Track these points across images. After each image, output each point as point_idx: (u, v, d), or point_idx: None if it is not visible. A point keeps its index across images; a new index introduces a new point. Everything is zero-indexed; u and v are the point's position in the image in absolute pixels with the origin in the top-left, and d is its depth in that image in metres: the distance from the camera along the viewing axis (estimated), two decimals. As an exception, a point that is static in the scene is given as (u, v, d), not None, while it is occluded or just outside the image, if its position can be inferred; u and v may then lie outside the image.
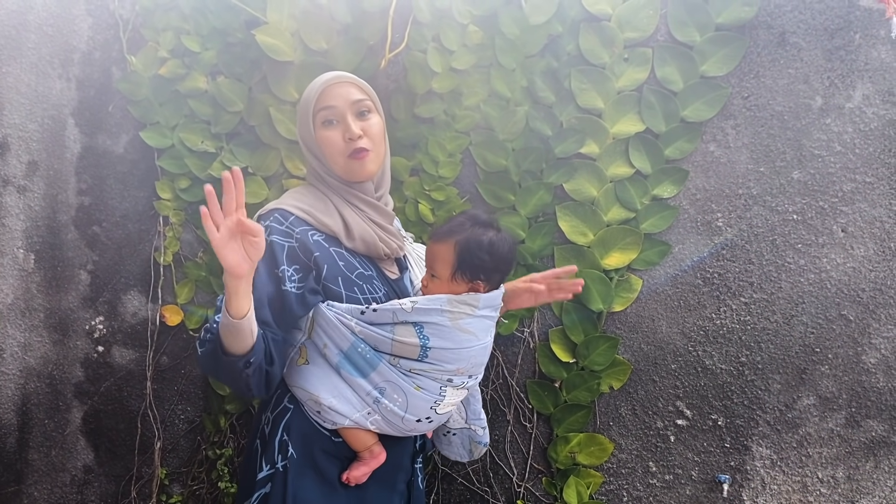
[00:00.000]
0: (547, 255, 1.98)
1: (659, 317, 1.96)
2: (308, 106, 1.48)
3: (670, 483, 2.00)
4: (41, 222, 2.19)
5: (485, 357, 1.48)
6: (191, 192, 2.09)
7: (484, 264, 1.41)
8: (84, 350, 2.21)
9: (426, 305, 1.38)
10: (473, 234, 1.42)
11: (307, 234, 1.42)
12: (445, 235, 1.44)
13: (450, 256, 1.42)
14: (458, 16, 1.91)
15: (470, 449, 1.69)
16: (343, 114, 1.46)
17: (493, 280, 1.45)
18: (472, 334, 1.41)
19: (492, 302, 1.45)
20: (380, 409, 1.40)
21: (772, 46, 1.85)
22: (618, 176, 1.93)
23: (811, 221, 1.88)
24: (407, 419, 1.41)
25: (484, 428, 1.67)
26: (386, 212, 1.54)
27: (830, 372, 1.91)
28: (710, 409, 1.96)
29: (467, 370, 1.43)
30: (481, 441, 1.67)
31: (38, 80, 2.15)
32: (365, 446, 1.44)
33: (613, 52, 1.89)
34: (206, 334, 1.32)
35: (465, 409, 1.65)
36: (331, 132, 1.46)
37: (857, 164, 1.85)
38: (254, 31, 1.93)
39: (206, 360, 1.33)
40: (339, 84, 1.47)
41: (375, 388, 1.39)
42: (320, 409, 1.40)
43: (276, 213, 1.45)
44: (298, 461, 1.41)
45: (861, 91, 1.83)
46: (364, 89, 1.50)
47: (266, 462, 1.42)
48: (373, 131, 1.48)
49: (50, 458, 2.27)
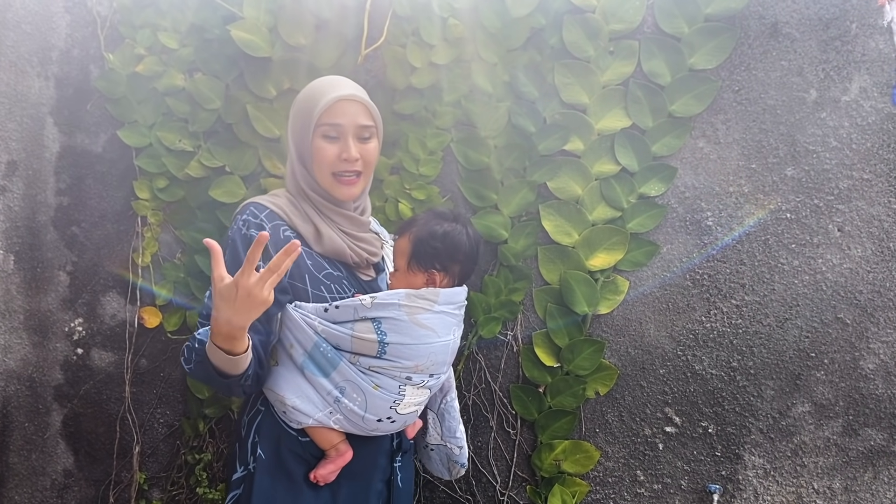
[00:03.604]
0: (530, 255, 1.92)
1: (646, 320, 1.89)
2: (312, 113, 1.44)
3: (659, 493, 1.92)
4: (20, 223, 2.16)
5: (446, 356, 1.47)
6: (168, 192, 2.05)
7: (437, 252, 1.43)
8: (63, 352, 2.18)
9: (385, 300, 1.38)
10: (428, 224, 1.45)
11: (279, 228, 1.43)
12: (404, 228, 1.48)
13: (405, 247, 1.45)
14: (437, 9, 1.86)
15: (448, 467, 1.68)
16: (346, 133, 1.44)
17: (450, 271, 1.45)
18: (431, 330, 1.41)
19: (453, 298, 1.45)
20: (340, 408, 1.40)
21: (763, 38, 1.78)
22: (603, 173, 1.86)
23: (806, 220, 1.80)
24: (367, 418, 1.41)
25: (461, 448, 1.65)
26: (360, 221, 1.54)
27: (826, 378, 1.83)
28: (701, 415, 1.88)
29: (427, 368, 1.42)
30: (458, 461, 1.66)
31: (17, 78, 2.13)
32: (331, 444, 1.44)
33: (598, 44, 1.83)
34: (192, 354, 1.34)
35: (440, 424, 1.63)
36: (328, 145, 1.44)
37: (853, 160, 1.76)
38: (229, 27, 1.89)
39: (197, 376, 1.36)
40: (351, 102, 1.44)
41: (336, 388, 1.40)
42: (286, 409, 1.41)
43: (251, 206, 1.46)
44: (266, 462, 1.43)
45: (858, 83, 1.75)
46: (373, 115, 1.49)
47: (240, 464, 1.46)
48: (369, 157, 1.48)
49: (30, 461, 2.24)
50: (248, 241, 1.38)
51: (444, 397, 1.65)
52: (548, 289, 1.92)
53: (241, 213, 1.45)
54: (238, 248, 1.40)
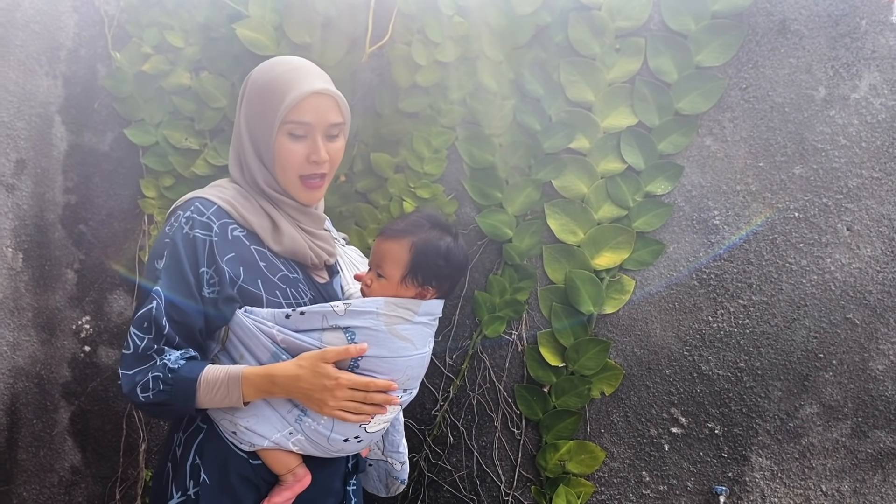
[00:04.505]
0: (535, 254, 1.91)
1: (652, 319, 1.87)
2: (277, 107, 1.25)
3: (664, 494, 1.91)
4: (29, 221, 2.18)
5: (421, 370, 1.35)
6: (175, 191, 2.06)
7: (439, 270, 1.31)
8: (71, 350, 2.19)
9: (360, 308, 1.25)
10: (431, 237, 1.31)
11: (227, 227, 1.26)
12: (400, 234, 1.32)
13: (403, 257, 1.30)
14: (443, 7, 1.85)
15: (387, 483, 1.56)
16: (315, 132, 1.27)
17: (442, 288, 1.35)
18: (410, 342, 1.29)
19: (433, 309, 1.34)
20: (303, 428, 1.25)
21: (772, 34, 1.76)
22: (609, 172, 1.85)
23: (814, 219, 1.77)
24: (333, 439, 1.26)
25: (403, 462, 1.52)
26: (317, 216, 1.39)
27: (835, 379, 1.80)
28: (707, 416, 1.87)
29: (402, 382, 1.30)
30: (399, 477, 1.53)
31: (26, 77, 2.14)
32: (287, 469, 1.28)
33: (604, 42, 1.81)
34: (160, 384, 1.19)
35: (383, 439, 1.50)
36: (294, 145, 1.27)
37: (863, 158, 1.74)
38: (234, 26, 1.89)
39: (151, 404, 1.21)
40: (322, 97, 1.27)
41: (298, 406, 1.25)
42: (236, 429, 1.25)
43: (195, 201, 1.27)
44: (212, 487, 1.26)
45: (868, 80, 1.72)
46: (342, 110, 1.31)
47: (177, 489, 1.27)
48: (336, 157, 1.33)
49: (38, 458, 2.25)
50: (190, 244, 1.22)
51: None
52: (553, 288, 1.90)
53: (184, 209, 1.25)
54: (179, 251, 1.22)
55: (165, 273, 1.22)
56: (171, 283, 1.21)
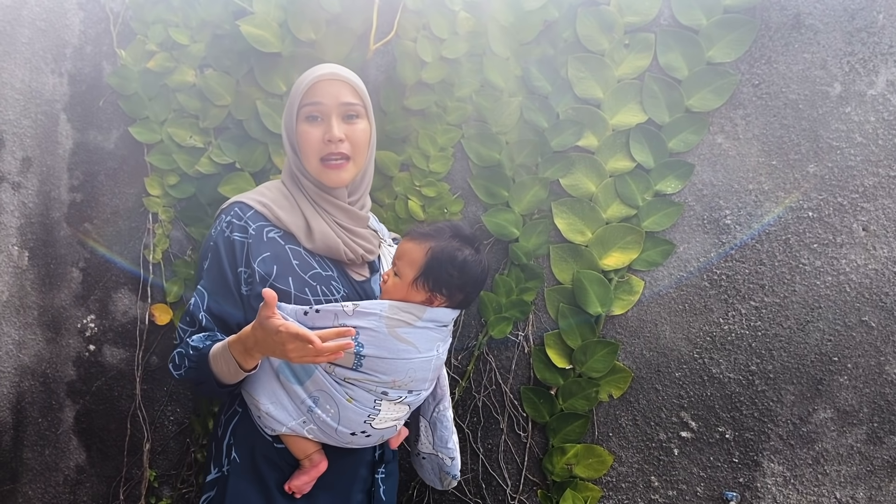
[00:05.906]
0: (542, 254, 1.87)
1: (662, 321, 1.83)
2: (296, 96, 1.42)
3: (674, 499, 1.87)
4: (35, 219, 2.17)
5: (428, 372, 1.39)
6: (179, 189, 2.04)
7: (450, 279, 1.35)
8: (76, 349, 2.18)
9: (366, 309, 1.32)
10: (450, 245, 1.35)
11: (262, 230, 1.38)
12: (421, 238, 1.37)
13: (418, 260, 1.35)
14: (449, 2, 1.82)
15: (440, 478, 1.62)
16: (329, 113, 1.38)
17: (454, 298, 1.37)
18: (412, 345, 1.33)
19: (439, 317, 1.37)
20: (313, 418, 1.34)
21: (785, 29, 1.71)
22: (618, 170, 1.81)
23: (829, 219, 1.73)
24: (340, 431, 1.35)
25: (452, 458, 1.58)
26: (358, 215, 1.46)
27: (850, 383, 1.75)
28: (718, 420, 1.82)
29: (405, 384, 1.35)
30: (450, 472, 1.60)
31: (32, 75, 2.13)
32: (305, 454, 1.39)
33: (613, 37, 1.78)
34: (185, 360, 1.33)
35: (433, 433, 1.57)
36: (311, 128, 1.39)
37: (880, 156, 1.69)
38: (238, 22, 1.87)
39: (187, 380, 1.35)
40: (331, 81, 1.39)
41: (309, 397, 1.34)
42: (260, 414, 1.36)
43: (236, 206, 1.41)
44: (240, 466, 1.38)
45: (885, 76, 1.68)
46: (358, 92, 1.42)
47: (215, 465, 1.41)
48: (356, 137, 1.40)
49: (44, 457, 2.25)
50: (230, 245, 1.36)
51: (437, 405, 1.58)
52: (560, 288, 1.87)
53: (226, 214, 1.41)
54: (221, 253, 1.36)
55: (207, 273, 1.38)
56: (211, 281, 1.37)
